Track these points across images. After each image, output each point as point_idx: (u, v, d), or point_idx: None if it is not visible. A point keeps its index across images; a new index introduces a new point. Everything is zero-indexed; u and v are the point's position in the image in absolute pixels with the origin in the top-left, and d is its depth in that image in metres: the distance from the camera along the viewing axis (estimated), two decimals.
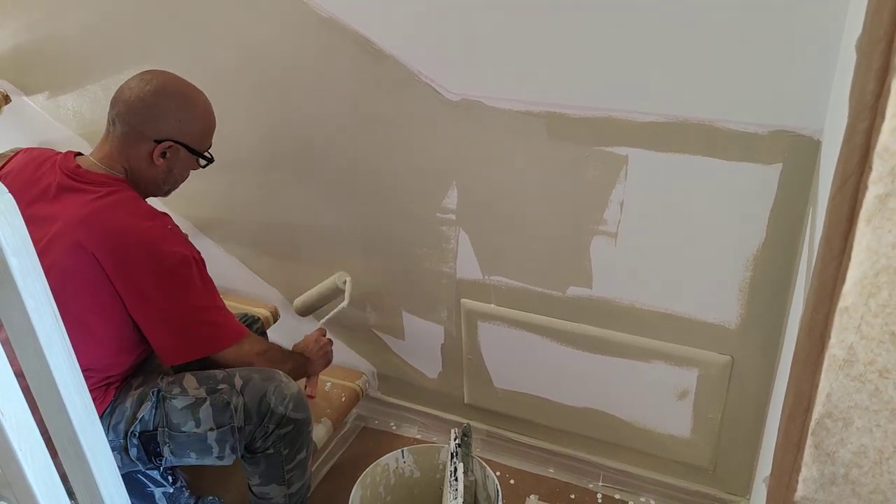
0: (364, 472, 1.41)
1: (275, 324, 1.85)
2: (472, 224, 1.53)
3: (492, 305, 1.61)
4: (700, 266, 1.35)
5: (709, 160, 1.24)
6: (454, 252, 1.58)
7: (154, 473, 1.44)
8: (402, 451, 1.47)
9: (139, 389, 1.28)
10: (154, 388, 1.27)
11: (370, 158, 1.56)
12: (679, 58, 1.18)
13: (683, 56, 1.18)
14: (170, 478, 1.46)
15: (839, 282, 0.56)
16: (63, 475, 0.66)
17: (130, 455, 1.27)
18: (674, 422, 1.54)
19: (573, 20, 1.23)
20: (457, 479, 1.31)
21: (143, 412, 1.25)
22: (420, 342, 1.77)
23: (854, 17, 0.83)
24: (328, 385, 1.83)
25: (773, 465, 0.74)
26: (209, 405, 1.26)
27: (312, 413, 1.40)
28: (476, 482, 1.40)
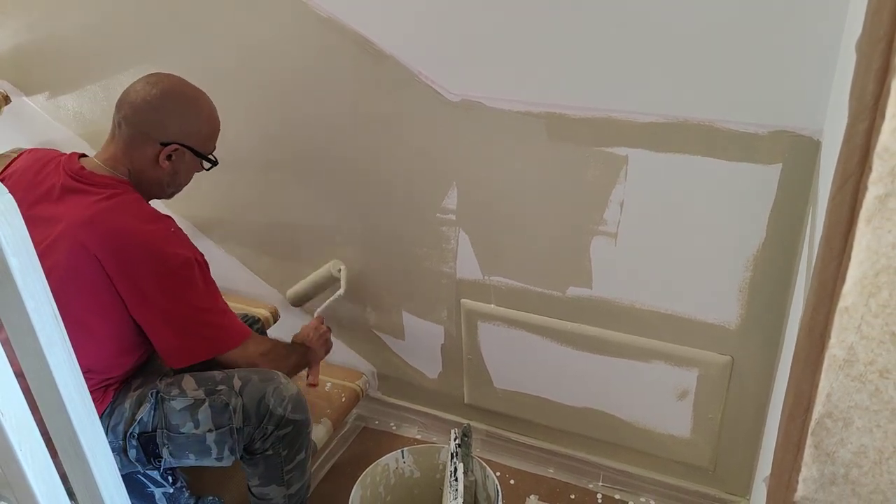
0: (364, 473, 1.41)
1: (275, 324, 1.85)
2: (472, 224, 1.53)
3: (492, 305, 1.61)
4: (700, 266, 1.35)
5: (709, 160, 1.24)
6: (454, 252, 1.58)
7: (154, 474, 1.44)
8: (402, 452, 1.47)
9: (138, 391, 1.28)
10: (153, 390, 1.27)
11: (370, 159, 1.56)
12: (679, 58, 1.18)
13: (683, 56, 1.18)
14: (170, 478, 1.46)
15: (839, 282, 0.56)
16: (63, 475, 0.66)
17: (129, 456, 1.27)
18: (674, 422, 1.54)
19: (573, 20, 1.23)
20: (457, 480, 1.31)
21: (142, 413, 1.25)
22: (420, 342, 1.77)
23: (854, 17, 0.84)
24: (328, 385, 1.83)
25: (773, 465, 0.74)
26: (208, 406, 1.26)
27: (312, 413, 1.40)
28: (476, 482, 1.40)
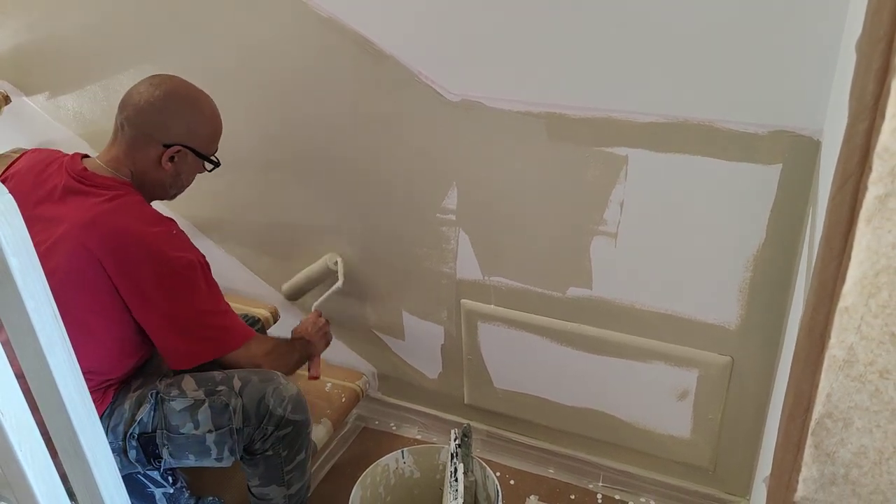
0: (364, 473, 1.41)
1: (275, 324, 1.85)
2: (472, 224, 1.53)
3: (492, 306, 1.61)
4: (700, 266, 1.35)
5: (709, 160, 1.24)
6: (454, 252, 1.58)
7: (154, 474, 1.44)
8: (402, 452, 1.47)
9: (138, 391, 1.28)
10: (153, 390, 1.27)
11: (370, 159, 1.56)
12: (679, 58, 1.18)
13: (683, 56, 1.18)
14: (170, 478, 1.47)
15: (839, 282, 0.56)
16: (63, 475, 0.66)
17: (129, 457, 1.27)
18: (674, 422, 1.54)
19: (573, 20, 1.23)
20: (457, 480, 1.31)
21: (142, 414, 1.25)
22: (420, 342, 1.77)
23: (854, 17, 0.83)
24: (328, 385, 1.83)
25: (773, 466, 0.74)
26: (208, 407, 1.26)
27: (312, 414, 1.40)
28: (476, 482, 1.40)
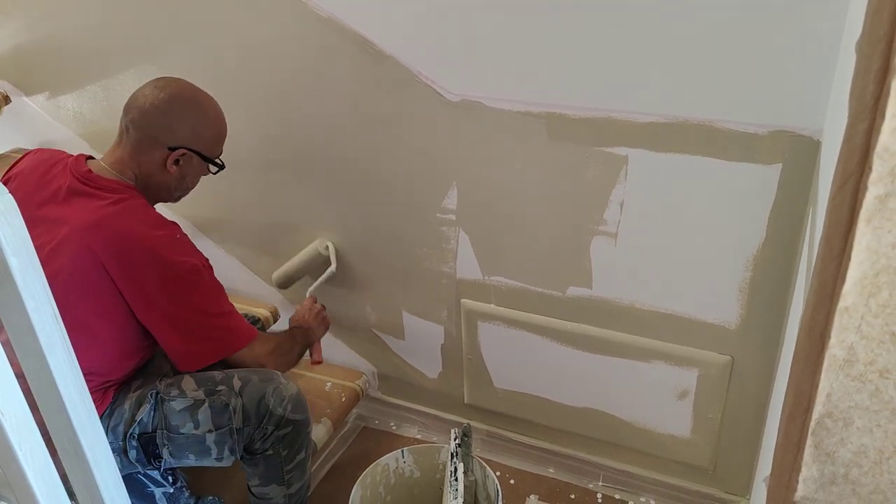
0: (364, 472, 1.41)
1: (275, 324, 1.85)
2: (472, 224, 1.53)
3: (492, 305, 1.61)
4: (700, 266, 1.35)
5: (709, 160, 1.24)
6: (454, 252, 1.58)
7: (154, 474, 1.44)
8: (402, 451, 1.47)
9: (138, 391, 1.28)
10: (152, 390, 1.27)
11: (370, 159, 1.56)
12: (679, 58, 1.18)
13: (683, 56, 1.18)
14: (170, 478, 1.47)
15: (839, 282, 0.56)
16: (63, 475, 0.66)
17: (129, 457, 1.27)
18: (674, 422, 1.54)
19: (573, 20, 1.22)
20: (457, 479, 1.31)
21: (142, 414, 1.25)
22: (420, 342, 1.77)
23: (854, 18, 0.83)
24: (328, 385, 1.83)
25: (773, 465, 0.74)
26: (208, 407, 1.26)
27: (312, 413, 1.40)
28: (476, 482, 1.40)
